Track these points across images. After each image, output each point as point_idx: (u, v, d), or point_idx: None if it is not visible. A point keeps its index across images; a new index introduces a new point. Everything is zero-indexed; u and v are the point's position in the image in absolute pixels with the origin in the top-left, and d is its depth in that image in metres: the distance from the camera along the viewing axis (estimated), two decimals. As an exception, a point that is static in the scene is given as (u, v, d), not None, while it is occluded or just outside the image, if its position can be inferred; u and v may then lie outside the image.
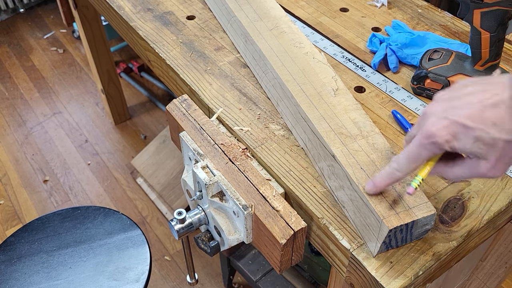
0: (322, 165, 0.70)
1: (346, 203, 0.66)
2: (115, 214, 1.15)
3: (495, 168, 0.49)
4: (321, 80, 0.77)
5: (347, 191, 0.64)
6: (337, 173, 0.66)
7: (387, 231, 0.57)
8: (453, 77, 0.82)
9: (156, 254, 1.73)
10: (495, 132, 0.47)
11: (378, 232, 0.59)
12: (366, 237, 0.63)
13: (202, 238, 0.82)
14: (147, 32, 1.03)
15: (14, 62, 2.59)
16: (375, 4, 1.11)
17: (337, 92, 0.74)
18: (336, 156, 0.65)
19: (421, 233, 0.63)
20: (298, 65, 0.80)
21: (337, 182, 0.67)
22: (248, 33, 0.88)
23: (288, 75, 0.79)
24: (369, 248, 0.63)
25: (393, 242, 0.61)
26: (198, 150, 0.78)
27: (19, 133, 2.19)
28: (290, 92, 0.76)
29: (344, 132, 0.68)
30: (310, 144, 0.73)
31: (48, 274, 1.05)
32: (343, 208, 0.67)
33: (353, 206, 0.64)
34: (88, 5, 1.73)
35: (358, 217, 0.63)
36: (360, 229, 0.64)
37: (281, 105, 0.81)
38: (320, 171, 0.71)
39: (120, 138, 2.16)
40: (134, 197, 1.91)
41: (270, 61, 0.82)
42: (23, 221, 1.85)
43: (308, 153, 0.74)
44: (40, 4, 3.00)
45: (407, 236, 0.61)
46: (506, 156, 0.48)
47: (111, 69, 1.99)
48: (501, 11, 0.72)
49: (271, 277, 1.39)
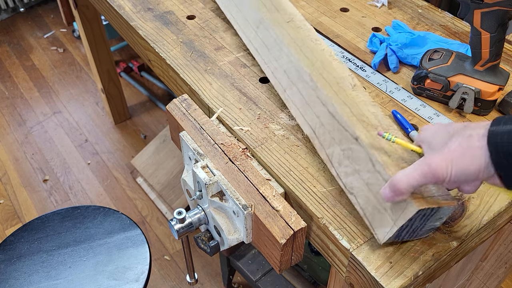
0: (333, 151, 0.69)
1: (357, 188, 0.65)
2: (115, 213, 1.15)
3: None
4: (339, 74, 0.77)
5: (365, 174, 0.63)
6: (355, 156, 0.65)
7: (415, 211, 0.56)
8: (453, 77, 0.82)
9: (156, 254, 1.73)
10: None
11: (399, 214, 0.58)
12: (378, 222, 0.61)
13: (202, 237, 0.82)
14: (147, 32, 1.03)
15: (14, 62, 2.59)
16: (375, 4, 1.11)
17: (354, 88, 0.75)
18: (359, 138, 0.65)
19: (428, 230, 0.63)
20: (316, 57, 0.80)
21: (350, 167, 0.66)
22: (264, 19, 0.89)
23: (307, 60, 0.79)
24: (377, 235, 0.62)
25: (405, 231, 0.60)
26: (198, 150, 0.78)
27: (19, 133, 2.19)
28: (309, 76, 0.76)
29: (365, 120, 0.68)
30: (322, 129, 0.72)
31: (47, 274, 1.05)
32: (350, 195, 0.66)
33: (368, 191, 0.63)
34: (88, 4, 1.73)
35: (372, 202, 0.62)
36: (370, 215, 0.63)
37: (290, 91, 0.80)
38: (327, 157, 0.70)
39: (120, 137, 2.16)
40: (134, 197, 1.91)
41: (289, 46, 0.82)
42: (22, 220, 1.84)
43: (314, 140, 0.73)
44: (40, 3, 3.00)
45: (418, 228, 0.61)
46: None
47: (111, 68, 1.99)
48: (501, 12, 0.72)
49: (270, 277, 1.39)
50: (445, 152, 0.52)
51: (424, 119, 0.82)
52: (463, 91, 0.81)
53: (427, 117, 0.82)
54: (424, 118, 0.82)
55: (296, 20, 0.90)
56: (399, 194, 0.55)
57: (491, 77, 0.80)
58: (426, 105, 0.85)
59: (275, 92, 0.87)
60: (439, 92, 0.84)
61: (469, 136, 0.52)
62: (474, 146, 0.51)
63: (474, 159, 0.51)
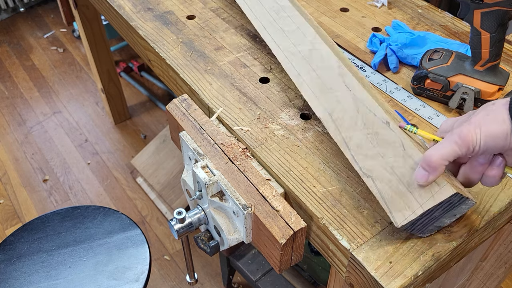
0: (352, 134, 0.71)
1: (377, 171, 0.65)
2: (114, 213, 1.15)
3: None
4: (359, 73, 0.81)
5: (390, 158, 0.65)
6: (381, 140, 0.68)
7: (450, 194, 0.57)
8: (453, 77, 0.82)
9: (156, 254, 1.73)
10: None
11: (430, 197, 0.59)
12: (398, 206, 0.62)
13: (201, 237, 0.82)
14: (147, 32, 1.03)
15: (14, 62, 2.59)
16: (375, 4, 1.10)
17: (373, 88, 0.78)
18: (391, 123, 0.69)
19: (437, 226, 0.63)
20: (337, 51, 0.85)
21: (373, 151, 0.67)
22: (286, 6, 0.96)
23: (334, 47, 0.86)
24: (394, 219, 0.61)
25: (420, 221, 0.61)
26: (198, 150, 0.78)
27: (19, 133, 2.19)
28: (337, 62, 0.82)
29: (390, 111, 0.72)
30: (342, 113, 0.74)
31: (47, 274, 1.05)
32: (367, 178, 0.66)
33: (392, 174, 0.64)
34: (88, 4, 1.73)
35: (394, 185, 0.63)
36: (389, 198, 0.63)
37: (306, 76, 0.82)
38: (343, 140, 0.71)
39: (120, 137, 2.16)
40: (134, 197, 1.91)
41: (317, 34, 0.88)
42: (22, 220, 1.85)
43: (329, 123, 0.74)
44: (40, 3, 3.00)
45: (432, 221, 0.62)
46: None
47: (111, 68, 1.99)
48: (501, 12, 0.72)
49: (270, 277, 1.39)
50: (472, 121, 0.55)
51: (424, 119, 0.82)
52: (463, 91, 0.81)
53: (427, 117, 0.82)
54: (424, 118, 0.82)
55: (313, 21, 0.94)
56: (433, 169, 0.57)
57: (491, 77, 0.80)
58: (426, 105, 0.85)
59: (275, 92, 0.88)
60: (439, 92, 0.84)
61: (493, 104, 0.55)
62: (498, 111, 0.54)
63: (499, 123, 0.53)
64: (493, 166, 0.57)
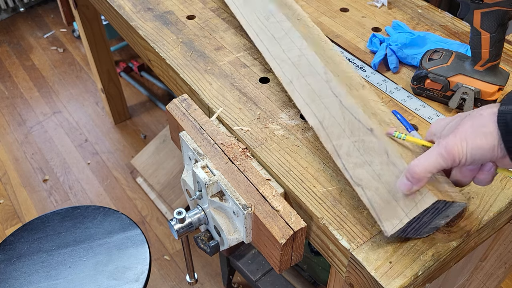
0: (342, 142, 0.70)
1: (366, 180, 0.65)
2: (114, 213, 1.15)
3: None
4: (350, 72, 0.79)
5: (377, 166, 0.64)
6: (367, 148, 0.66)
7: (432, 202, 0.56)
8: (453, 77, 0.82)
9: (156, 254, 1.73)
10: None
11: (412, 206, 0.58)
12: (387, 214, 0.61)
13: (201, 237, 0.82)
14: (147, 32, 1.03)
15: (14, 61, 2.59)
16: (375, 4, 1.11)
17: (363, 88, 0.76)
18: (374, 129, 0.67)
19: (432, 228, 0.63)
20: (327, 54, 0.83)
21: (361, 159, 0.66)
22: (276, 12, 0.93)
23: (320, 54, 0.83)
24: (384, 227, 0.61)
25: (411, 227, 0.60)
26: (198, 150, 0.78)
27: (19, 132, 2.19)
28: (324, 68, 0.79)
29: (378, 113, 0.70)
30: (331, 120, 0.73)
31: (47, 274, 1.05)
32: (358, 187, 0.65)
33: (379, 182, 0.63)
34: (88, 4, 1.73)
35: (382, 194, 0.62)
36: (378, 206, 0.63)
37: (296, 83, 0.81)
38: (334, 149, 0.70)
39: (120, 137, 2.16)
40: (133, 197, 1.91)
41: (303, 40, 0.86)
42: (22, 220, 1.85)
43: (320, 131, 0.73)
44: (40, 3, 3.00)
45: (425, 225, 0.61)
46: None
47: (111, 68, 1.99)
48: (501, 12, 0.72)
49: (270, 277, 1.39)
50: (458, 132, 0.53)
51: (424, 119, 0.82)
52: (463, 91, 0.81)
53: (427, 117, 0.82)
54: (424, 118, 0.82)
55: (303, 19, 0.93)
56: (416, 180, 0.56)
57: (491, 77, 0.80)
58: (426, 105, 0.85)
59: (275, 92, 0.88)
60: (439, 92, 0.84)
61: (480, 115, 0.52)
62: (486, 123, 0.51)
63: (487, 136, 0.51)
64: (483, 170, 0.56)
